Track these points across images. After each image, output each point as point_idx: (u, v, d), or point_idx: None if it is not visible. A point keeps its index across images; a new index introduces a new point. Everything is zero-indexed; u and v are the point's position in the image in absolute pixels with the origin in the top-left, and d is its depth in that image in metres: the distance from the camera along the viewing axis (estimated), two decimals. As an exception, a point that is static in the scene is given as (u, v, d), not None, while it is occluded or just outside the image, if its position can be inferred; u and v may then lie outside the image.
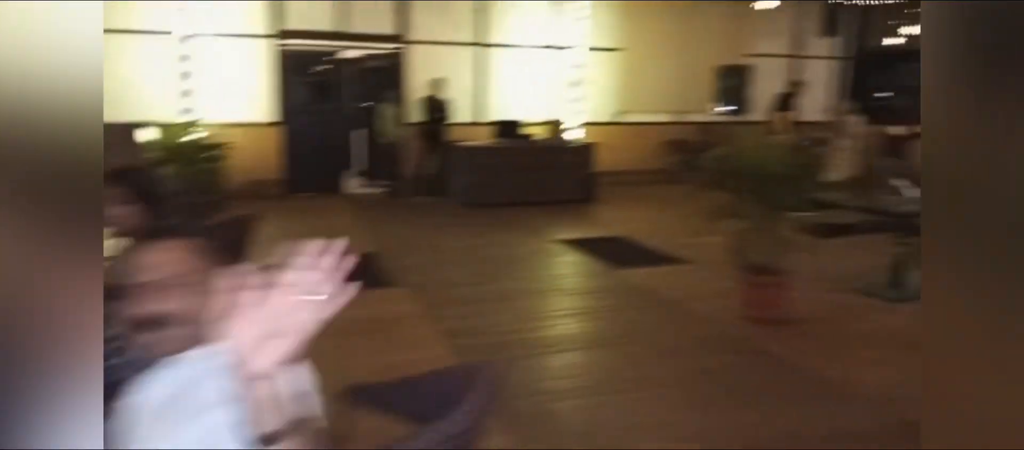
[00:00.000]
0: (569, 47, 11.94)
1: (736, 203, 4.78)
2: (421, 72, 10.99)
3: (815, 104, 13.55)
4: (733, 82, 12.98)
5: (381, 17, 10.95)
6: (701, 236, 6.17)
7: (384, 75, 10.96)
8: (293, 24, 10.46)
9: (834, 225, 5.70)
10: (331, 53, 10.87)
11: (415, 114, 10.80)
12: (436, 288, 5.80)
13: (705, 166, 4.92)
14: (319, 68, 10.97)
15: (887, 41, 12.93)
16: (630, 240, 7.76)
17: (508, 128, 10.57)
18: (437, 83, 10.60)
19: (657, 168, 12.39)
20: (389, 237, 7.82)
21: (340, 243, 0.98)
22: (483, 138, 10.57)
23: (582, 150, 10.74)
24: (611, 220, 9.09)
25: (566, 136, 11.29)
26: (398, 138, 10.60)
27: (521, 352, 4.40)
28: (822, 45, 13.48)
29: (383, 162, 10.72)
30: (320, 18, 10.56)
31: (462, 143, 10.27)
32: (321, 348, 1.06)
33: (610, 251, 7.24)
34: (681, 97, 12.69)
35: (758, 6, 8.52)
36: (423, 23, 11.22)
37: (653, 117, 12.69)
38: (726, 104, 13.20)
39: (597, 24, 12.04)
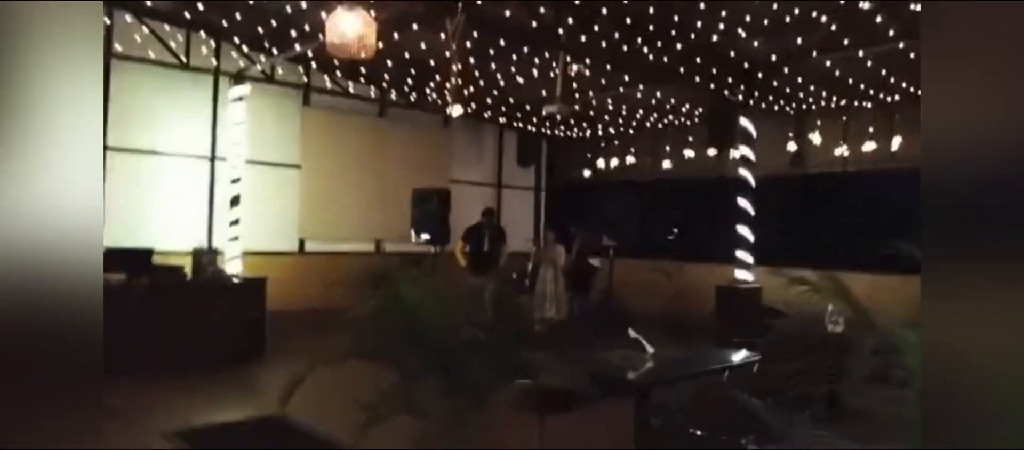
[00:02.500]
0: (225, 159, 9.41)
1: (409, 385, 2.85)
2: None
3: (517, 234, 12.93)
4: (432, 207, 11.70)
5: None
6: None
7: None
8: None
9: (557, 393, 4.09)
10: None
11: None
12: None
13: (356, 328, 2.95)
14: None
15: (586, 172, 12.93)
16: (289, 423, 5.34)
17: (136, 259, 7.56)
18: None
19: (347, 306, 10.29)
20: None
21: None
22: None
23: (248, 288, 8.18)
24: (275, 387, 6.58)
25: (227, 269, 8.67)
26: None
27: None
28: (523, 174, 13.07)
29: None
30: None
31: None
32: None
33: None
34: (378, 223, 11.00)
35: (455, 111, 7.25)
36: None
37: (344, 245, 10.73)
38: (427, 231, 11.78)
39: (264, 134, 9.90)
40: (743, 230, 9.38)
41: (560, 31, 6.83)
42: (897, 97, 9.03)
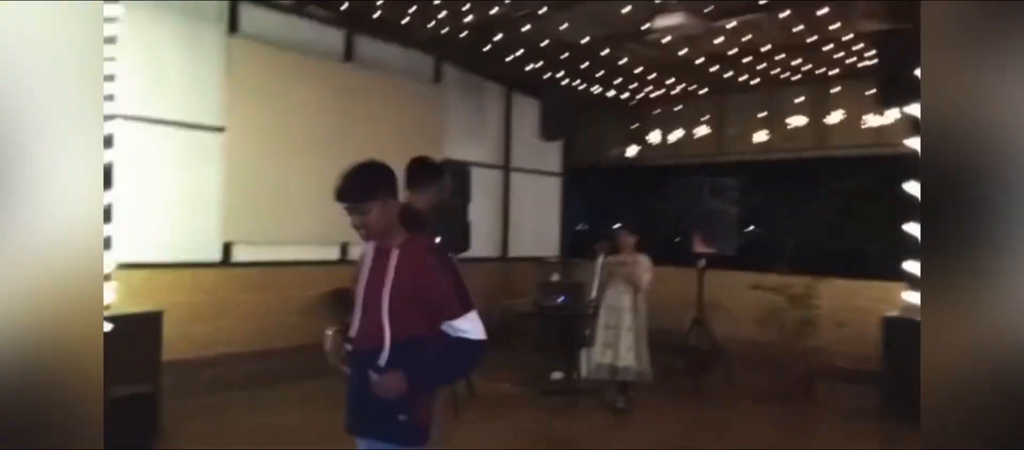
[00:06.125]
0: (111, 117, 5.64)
1: None
2: None
3: (537, 238, 9.61)
4: (443, 191, 8.18)
5: None
6: None
7: None
8: None
9: None
10: None
11: None
12: None
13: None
14: None
15: (629, 151, 9.61)
16: None
17: None
18: None
19: (306, 344, 6.70)
20: None
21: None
22: None
23: (127, 334, 4.50)
24: None
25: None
26: None
27: None
28: (541, 152, 9.62)
29: None
30: None
31: None
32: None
33: None
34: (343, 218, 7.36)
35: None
36: None
37: (292, 251, 7.09)
38: (437, 232, 8.18)
39: (160, 77, 6.13)
40: (912, 229, 6.24)
41: None
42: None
